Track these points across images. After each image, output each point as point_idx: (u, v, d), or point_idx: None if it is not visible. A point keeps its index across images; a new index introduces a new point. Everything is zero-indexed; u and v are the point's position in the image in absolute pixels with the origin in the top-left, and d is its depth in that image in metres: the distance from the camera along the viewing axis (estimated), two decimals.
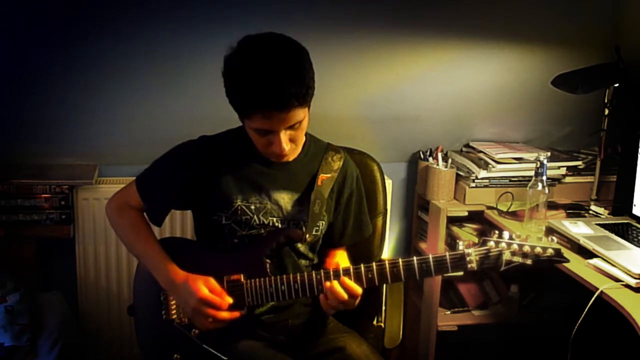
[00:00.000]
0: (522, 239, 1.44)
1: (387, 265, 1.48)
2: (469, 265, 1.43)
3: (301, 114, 1.48)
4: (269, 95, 1.41)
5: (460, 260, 1.44)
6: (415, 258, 1.47)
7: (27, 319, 2.00)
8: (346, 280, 1.49)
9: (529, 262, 1.42)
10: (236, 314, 1.53)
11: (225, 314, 1.52)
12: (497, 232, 1.47)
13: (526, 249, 1.42)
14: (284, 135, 1.49)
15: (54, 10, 2.10)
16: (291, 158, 1.64)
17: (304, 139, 1.63)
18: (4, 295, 2.01)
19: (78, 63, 2.17)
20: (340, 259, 1.77)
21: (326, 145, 1.74)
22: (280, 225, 1.62)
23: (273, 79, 1.40)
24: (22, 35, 2.11)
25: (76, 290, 2.33)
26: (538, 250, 1.42)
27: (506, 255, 1.43)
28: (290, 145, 1.53)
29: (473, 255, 1.44)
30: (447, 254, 1.45)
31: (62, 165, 2.30)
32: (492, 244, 1.44)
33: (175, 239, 1.80)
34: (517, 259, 1.43)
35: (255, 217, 1.60)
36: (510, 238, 1.45)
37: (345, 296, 1.48)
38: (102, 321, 2.36)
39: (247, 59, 1.43)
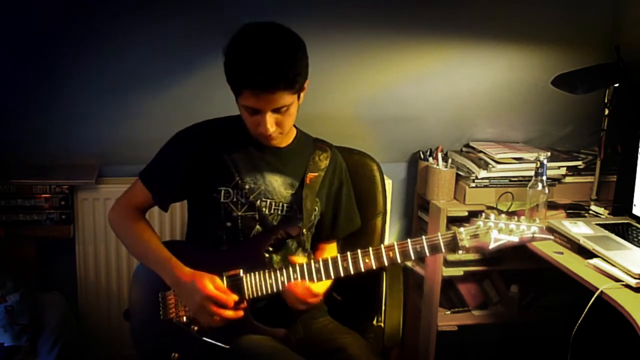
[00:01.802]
0: (507, 219, 1.54)
1: (382, 248, 1.54)
2: (461, 244, 1.52)
3: (288, 99, 1.52)
4: (256, 73, 1.47)
5: (452, 240, 1.52)
6: (409, 240, 1.54)
7: (27, 319, 2.00)
8: (307, 284, 1.55)
9: (515, 239, 1.52)
10: (240, 313, 1.55)
11: (230, 313, 1.54)
12: (483, 214, 1.57)
13: (512, 227, 1.52)
14: (270, 117, 1.54)
15: (54, 10, 2.10)
16: (282, 144, 1.71)
17: (291, 126, 1.66)
18: (4, 295, 2.01)
19: (78, 63, 2.17)
20: (331, 252, 1.80)
21: (313, 140, 1.79)
22: (273, 209, 1.66)
23: (262, 59, 1.47)
24: (22, 35, 2.11)
25: (76, 290, 2.33)
26: (523, 228, 1.52)
27: (494, 234, 1.52)
28: (275, 129, 1.57)
29: (464, 235, 1.52)
30: (440, 234, 1.53)
31: (62, 165, 2.30)
32: (480, 223, 1.54)
33: (174, 242, 1.82)
34: (504, 237, 1.52)
35: (249, 195, 1.64)
36: (497, 218, 1.55)
37: (309, 298, 1.55)
38: (102, 321, 2.36)
39: (244, 40, 1.52)
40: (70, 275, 2.32)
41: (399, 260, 1.54)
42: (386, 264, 1.55)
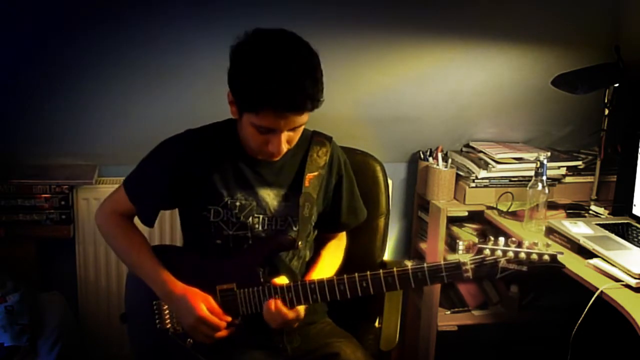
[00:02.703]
0: (517, 245, 1.43)
1: (381, 274, 1.47)
2: (465, 275, 1.42)
3: (306, 118, 1.47)
4: (288, 94, 1.37)
5: (455, 270, 1.43)
6: (410, 267, 1.46)
7: (27, 319, 2.00)
8: (280, 306, 1.50)
9: (524, 269, 1.41)
10: (232, 330, 1.53)
11: (223, 333, 1.52)
12: (492, 238, 1.45)
13: (522, 256, 1.41)
14: (284, 136, 1.47)
15: (54, 11, 2.09)
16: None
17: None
18: (4, 295, 2.01)
19: (78, 63, 2.17)
20: (340, 239, 1.78)
21: (310, 134, 1.69)
22: (266, 225, 1.60)
23: (291, 78, 1.37)
24: (22, 36, 2.11)
25: (76, 290, 2.33)
26: (534, 257, 1.41)
27: (502, 263, 1.42)
28: (286, 147, 1.50)
29: (468, 265, 1.42)
30: (442, 263, 1.44)
31: (62, 165, 2.30)
32: (487, 252, 1.43)
33: (166, 247, 1.78)
34: (513, 267, 1.41)
35: (239, 214, 1.59)
36: (506, 244, 1.43)
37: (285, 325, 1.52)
38: (102, 321, 2.36)
39: (265, 53, 1.39)
40: (70, 275, 2.32)
41: (397, 287, 1.47)
42: (385, 290, 1.48)
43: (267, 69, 1.37)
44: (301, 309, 1.54)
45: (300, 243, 1.59)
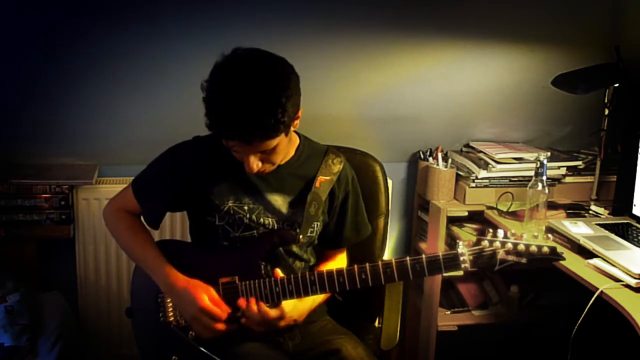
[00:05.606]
0: (516, 237, 1.43)
1: (380, 265, 1.48)
2: (463, 265, 1.42)
3: (272, 143, 1.45)
4: (232, 129, 1.41)
5: (453, 260, 1.43)
6: (408, 258, 1.46)
7: (27, 319, 2.00)
8: (262, 305, 1.50)
9: (523, 260, 1.41)
10: (234, 326, 1.54)
11: (223, 326, 1.53)
12: (491, 230, 1.45)
13: (520, 247, 1.41)
14: (254, 158, 1.48)
15: (53, 11, 2.09)
16: (280, 162, 1.62)
17: (282, 158, 1.60)
18: (4, 295, 2.01)
19: (78, 63, 2.17)
20: (339, 261, 1.78)
21: (326, 149, 1.73)
22: (275, 225, 1.62)
23: (239, 111, 1.38)
24: (22, 36, 2.11)
25: (76, 290, 2.33)
26: (533, 248, 1.40)
27: (500, 255, 1.42)
28: (263, 165, 1.51)
29: (466, 255, 1.43)
30: (440, 254, 1.45)
31: (62, 165, 2.30)
32: (485, 243, 1.43)
33: (171, 242, 1.79)
34: (512, 258, 1.41)
35: (248, 216, 1.60)
36: (505, 236, 1.43)
37: (258, 317, 1.50)
38: (102, 321, 2.36)
39: (221, 85, 1.42)
40: (70, 275, 2.32)
41: (396, 279, 1.47)
42: (383, 282, 1.48)
43: (218, 102, 1.41)
44: (286, 307, 1.53)
45: (302, 237, 1.60)
